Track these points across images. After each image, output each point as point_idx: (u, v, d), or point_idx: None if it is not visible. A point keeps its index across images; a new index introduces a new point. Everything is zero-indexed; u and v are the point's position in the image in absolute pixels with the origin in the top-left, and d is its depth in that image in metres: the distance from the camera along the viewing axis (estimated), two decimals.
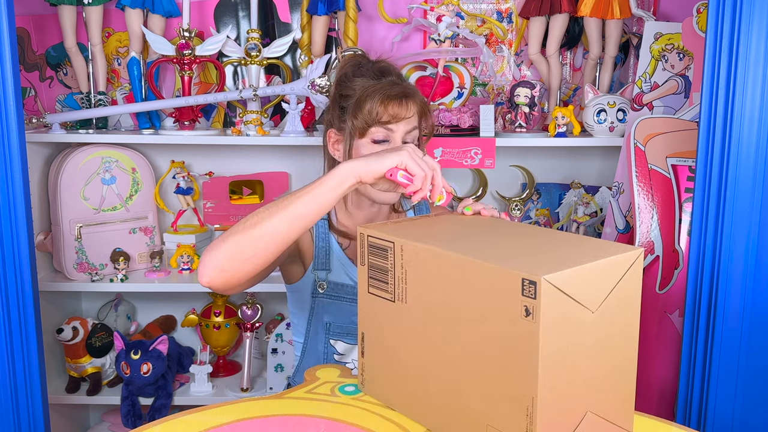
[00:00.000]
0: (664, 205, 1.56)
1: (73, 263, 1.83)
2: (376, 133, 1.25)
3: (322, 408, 0.95)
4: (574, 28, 1.94)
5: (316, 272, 1.34)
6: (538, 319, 0.71)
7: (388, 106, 1.23)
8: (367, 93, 1.25)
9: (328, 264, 1.34)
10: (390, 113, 1.24)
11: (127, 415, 1.83)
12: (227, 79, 2.00)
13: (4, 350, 1.38)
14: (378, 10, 1.95)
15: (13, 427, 1.40)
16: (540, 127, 1.93)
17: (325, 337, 1.35)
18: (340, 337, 1.35)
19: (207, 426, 0.89)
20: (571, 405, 0.77)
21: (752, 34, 1.22)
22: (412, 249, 0.87)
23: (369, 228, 0.94)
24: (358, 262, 0.96)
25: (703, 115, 1.30)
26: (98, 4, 1.86)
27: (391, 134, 1.25)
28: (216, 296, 2.02)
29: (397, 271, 0.89)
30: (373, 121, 1.24)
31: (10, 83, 1.34)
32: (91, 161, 1.86)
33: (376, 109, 1.23)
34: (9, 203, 1.37)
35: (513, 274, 0.72)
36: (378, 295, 0.93)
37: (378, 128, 1.24)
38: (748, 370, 1.31)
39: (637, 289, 0.84)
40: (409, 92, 1.27)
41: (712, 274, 1.31)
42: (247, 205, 2.03)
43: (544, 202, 2.06)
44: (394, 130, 1.25)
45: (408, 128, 1.26)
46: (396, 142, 1.25)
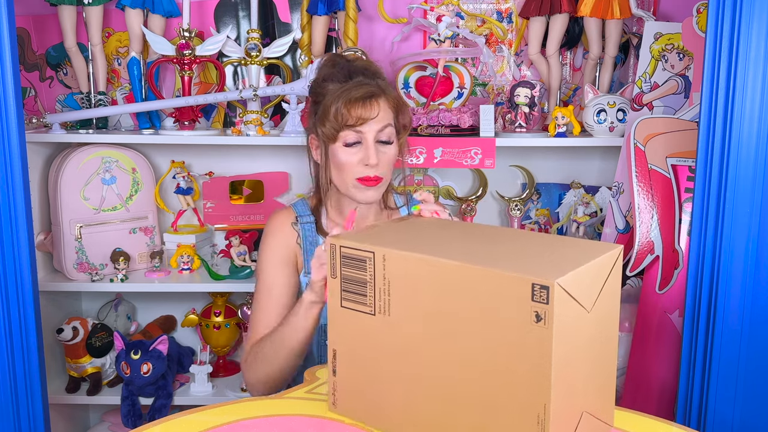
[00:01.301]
0: (664, 205, 1.56)
1: (73, 263, 1.83)
2: (346, 136, 1.26)
3: (322, 408, 0.95)
4: (574, 28, 1.94)
5: (308, 276, 1.34)
6: (551, 325, 0.69)
7: (351, 108, 1.24)
8: (332, 98, 1.25)
9: None
10: (355, 116, 1.24)
11: (127, 415, 1.83)
12: (227, 79, 2.00)
13: (4, 350, 1.38)
14: (378, 10, 1.95)
15: (13, 427, 1.40)
16: (540, 127, 1.93)
17: (318, 339, 1.35)
18: None
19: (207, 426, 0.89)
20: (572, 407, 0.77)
21: (752, 34, 1.22)
22: (397, 258, 0.82)
23: (341, 238, 0.88)
24: (328, 275, 0.91)
25: (703, 115, 1.30)
26: (98, 4, 1.86)
27: (362, 135, 1.26)
28: (216, 296, 2.02)
29: (377, 283, 0.84)
30: (340, 125, 1.24)
31: (10, 83, 1.34)
32: (91, 161, 1.86)
33: (341, 113, 1.23)
34: (9, 203, 1.37)
35: (523, 279, 0.70)
36: (353, 308, 0.88)
37: (347, 131, 1.25)
38: (748, 370, 1.30)
39: (618, 286, 0.84)
40: (375, 92, 1.26)
41: (712, 274, 1.31)
42: (247, 205, 2.03)
43: (544, 202, 2.06)
44: (363, 131, 1.25)
45: (378, 127, 1.26)
46: (368, 142, 1.26)
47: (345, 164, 1.27)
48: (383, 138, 1.27)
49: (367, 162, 1.25)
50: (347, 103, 1.23)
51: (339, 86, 1.26)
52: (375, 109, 1.25)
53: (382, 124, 1.26)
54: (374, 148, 1.26)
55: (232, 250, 1.86)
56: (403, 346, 0.83)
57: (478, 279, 0.75)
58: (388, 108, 1.28)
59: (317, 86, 1.32)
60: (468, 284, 0.76)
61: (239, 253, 1.85)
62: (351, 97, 1.23)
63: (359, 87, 1.25)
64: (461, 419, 0.79)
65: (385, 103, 1.27)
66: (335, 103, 1.24)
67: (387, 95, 1.28)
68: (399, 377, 0.85)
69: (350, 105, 1.23)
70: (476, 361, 0.76)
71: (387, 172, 1.30)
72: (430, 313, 0.80)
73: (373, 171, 1.26)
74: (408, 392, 0.84)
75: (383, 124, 1.26)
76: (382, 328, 0.85)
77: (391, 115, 1.29)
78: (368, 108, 1.24)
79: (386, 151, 1.28)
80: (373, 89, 1.26)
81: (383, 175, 1.28)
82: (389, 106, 1.28)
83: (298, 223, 1.36)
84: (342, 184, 1.30)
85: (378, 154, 1.26)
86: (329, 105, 1.25)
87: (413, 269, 0.81)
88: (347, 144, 1.26)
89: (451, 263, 0.77)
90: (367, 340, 0.87)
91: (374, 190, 1.29)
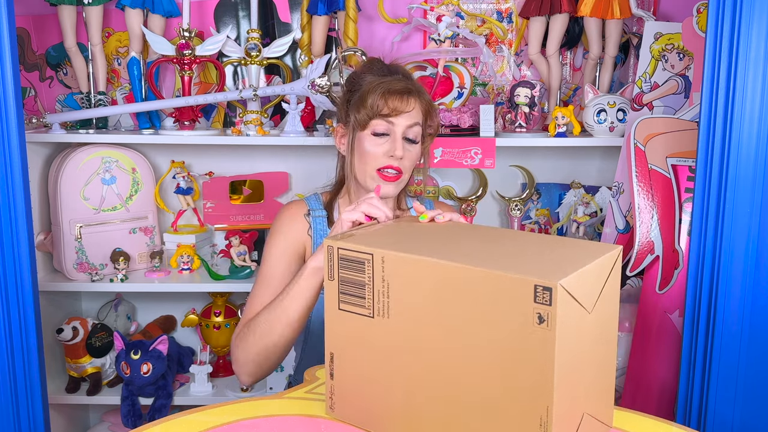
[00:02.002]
0: (664, 205, 1.56)
1: (73, 263, 1.83)
2: (377, 125, 1.29)
3: (322, 408, 0.95)
4: (574, 28, 1.94)
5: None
6: (554, 326, 0.69)
7: (389, 99, 1.27)
8: (371, 87, 1.29)
9: None
10: (390, 106, 1.27)
11: (127, 415, 1.83)
12: (227, 79, 2.00)
13: (4, 350, 1.38)
14: (378, 10, 1.95)
15: (13, 427, 1.40)
16: (540, 127, 1.93)
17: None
18: None
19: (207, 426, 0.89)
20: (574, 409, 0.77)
21: (752, 34, 1.22)
22: (396, 260, 0.81)
23: (339, 240, 0.88)
24: (325, 277, 0.90)
25: (703, 115, 1.30)
26: (98, 4, 1.86)
27: (392, 127, 1.29)
28: (216, 296, 2.02)
29: (376, 285, 0.83)
30: (374, 113, 1.28)
31: (10, 83, 1.34)
32: (91, 161, 1.86)
33: (377, 102, 1.27)
34: (9, 203, 1.37)
35: (525, 281, 0.70)
36: (351, 311, 0.87)
37: (379, 121, 1.28)
38: (748, 370, 1.30)
39: (618, 287, 0.84)
40: (413, 89, 1.31)
41: (712, 274, 1.31)
42: (247, 205, 2.03)
43: (544, 202, 2.06)
44: (394, 123, 1.28)
45: (408, 123, 1.29)
46: (396, 135, 1.29)
47: (369, 153, 1.30)
48: (410, 135, 1.31)
49: (392, 153, 1.28)
50: (385, 93, 1.28)
51: (378, 78, 1.31)
52: (411, 103, 1.29)
53: (413, 121, 1.30)
54: (401, 142, 1.29)
55: (232, 250, 1.86)
56: (403, 348, 0.83)
57: (478, 281, 0.74)
58: (419, 109, 1.32)
59: (356, 77, 1.37)
60: (468, 286, 0.75)
61: (239, 253, 1.86)
62: (390, 88, 1.28)
63: (398, 81, 1.30)
64: (462, 423, 0.79)
65: (418, 103, 1.31)
66: (374, 92, 1.28)
67: (421, 97, 1.32)
68: (398, 380, 0.84)
69: (388, 95, 1.28)
70: (477, 363, 0.76)
71: (408, 171, 1.33)
72: (430, 316, 0.79)
73: (396, 162, 1.29)
74: (408, 396, 0.84)
75: (413, 122, 1.30)
76: (380, 331, 0.84)
77: (421, 116, 1.32)
78: (404, 101, 1.29)
79: (411, 149, 1.31)
80: (412, 87, 1.31)
81: (405, 170, 1.31)
82: (421, 107, 1.32)
83: (310, 215, 1.37)
84: (362, 174, 1.32)
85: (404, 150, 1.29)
86: (367, 93, 1.29)
87: (413, 271, 0.80)
88: (375, 133, 1.29)
89: (452, 265, 0.76)
90: (366, 343, 0.86)
91: (393, 185, 1.31)
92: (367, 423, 0.89)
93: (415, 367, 0.82)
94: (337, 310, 0.89)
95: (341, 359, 0.90)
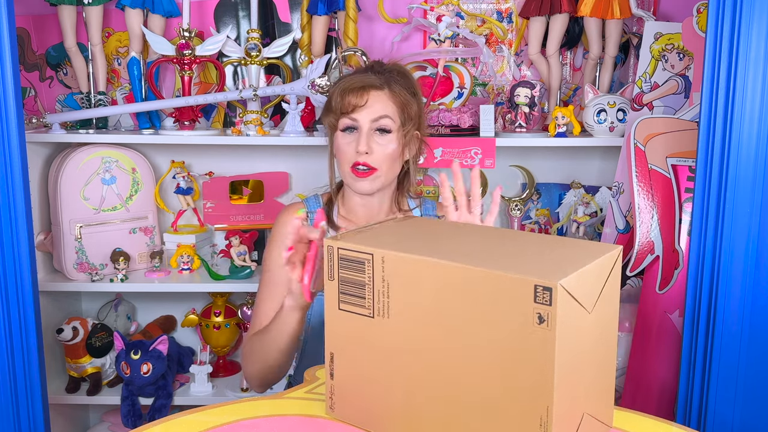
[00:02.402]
0: (664, 205, 1.56)
1: (73, 263, 1.83)
2: (343, 123, 1.32)
3: (322, 408, 0.95)
4: (574, 28, 1.94)
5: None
6: (554, 326, 0.68)
7: (346, 96, 1.31)
8: (334, 89, 1.34)
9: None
10: (347, 103, 1.30)
11: (127, 415, 1.83)
12: (227, 79, 1.99)
13: (4, 350, 1.38)
14: (378, 10, 1.95)
15: (13, 427, 1.40)
16: (540, 127, 1.93)
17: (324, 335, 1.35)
18: None
19: (207, 426, 0.89)
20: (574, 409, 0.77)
21: (752, 34, 1.22)
22: (396, 260, 0.81)
23: (339, 240, 0.88)
24: (325, 277, 0.90)
25: (703, 115, 1.30)
26: (98, 4, 1.86)
27: (356, 123, 1.31)
28: (216, 296, 2.02)
29: (376, 285, 0.83)
30: (338, 113, 1.32)
31: (10, 83, 1.34)
32: (91, 161, 1.86)
33: (336, 100, 1.31)
34: (9, 203, 1.37)
35: (525, 281, 0.70)
36: (351, 311, 0.87)
37: (344, 118, 1.32)
38: (748, 370, 1.30)
39: (618, 287, 0.84)
40: (374, 83, 1.32)
41: (712, 274, 1.31)
42: (247, 205, 2.03)
43: (544, 202, 2.06)
44: (357, 119, 1.31)
45: (372, 117, 1.30)
46: (362, 129, 1.30)
47: (341, 150, 1.33)
48: (379, 126, 1.31)
49: (357, 148, 1.29)
50: (342, 91, 1.31)
51: (346, 78, 1.35)
52: (364, 97, 1.30)
53: (378, 114, 1.30)
54: (368, 136, 1.30)
55: (232, 250, 1.86)
56: (403, 348, 0.83)
57: (479, 281, 0.74)
58: (389, 100, 1.32)
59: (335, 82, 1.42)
60: (469, 286, 0.75)
61: (239, 253, 1.85)
62: (347, 86, 1.31)
63: (356, 78, 1.33)
64: (462, 423, 0.79)
65: (386, 95, 1.32)
66: (335, 92, 1.33)
67: (391, 89, 1.32)
68: (398, 380, 0.84)
69: (345, 93, 1.31)
70: (477, 363, 0.76)
71: (383, 165, 1.31)
72: (430, 316, 0.79)
73: (363, 158, 1.29)
74: (408, 396, 0.83)
75: (379, 114, 1.30)
76: (380, 331, 0.84)
77: (392, 108, 1.32)
78: (360, 96, 1.30)
79: (383, 142, 1.31)
80: (371, 80, 1.32)
81: (377, 165, 1.30)
82: (392, 99, 1.32)
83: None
84: (342, 172, 1.35)
85: (373, 144, 1.30)
86: (331, 94, 1.34)
87: (413, 271, 0.80)
88: (342, 130, 1.32)
89: (452, 265, 0.76)
90: (366, 343, 0.86)
91: (367, 181, 1.31)
92: (367, 423, 0.89)
93: (415, 367, 0.82)
94: (337, 310, 0.89)
95: (341, 359, 0.90)
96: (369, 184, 1.31)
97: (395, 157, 1.33)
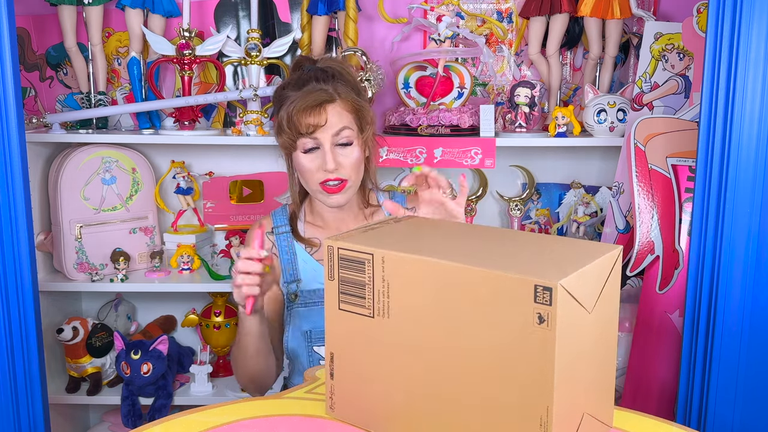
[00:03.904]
0: (664, 205, 1.56)
1: (73, 263, 1.83)
2: (304, 144, 1.27)
3: (322, 408, 0.95)
4: (574, 28, 1.94)
5: (288, 285, 1.36)
6: (554, 326, 0.69)
7: (301, 117, 1.25)
8: (285, 108, 1.27)
9: (296, 274, 1.36)
10: (305, 124, 1.25)
11: (127, 415, 1.83)
12: (227, 79, 1.99)
13: (4, 350, 1.38)
14: (378, 10, 1.95)
15: (13, 427, 1.40)
16: (540, 127, 1.93)
17: (307, 345, 1.35)
18: (322, 343, 1.34)
19: (207, 426, 0.89)
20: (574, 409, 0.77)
21: (752, 34, 1.22)
22: (396, 260, 0.81)
23: (339, 240, 0.88)
24: (325, 277, 0.90)
25: (703, 115, 1.30)
26: (98, 4, 1.86)
27: (318, 141, 1.27)
28: (216, 296, 2.02)
29: (376, 285, 0.83)
30: (296, 134, 1.26)
31: (10, 83, 1.34)
32: (91, 161, 1.86)
33: (293, 122, 1.25)
34: (9, 203, 1.37)
35: (525, 280, 0.70)
36: (351, 311, 0.87)
37: (303, 139, 1.27)
38: (748, 370, 1.31)
39: (618, 287, 0.84)
40: (326, 98, 1.26)
41: (712, 274, 1.31)
42: (247, 205, 2.02)
43: (544, 202, 2.06)
44: (318, 137, 1.26)
45: (333, 131, 1.27)
46: (324, 148, 1.26)
47: (306, 171, 1.29)
48: (341, 141, 1.28)
49: (324, 168, 1.26)
50: (297, 112, 1.25)
51: (293, 93, 1.28)
52: (323, 115, 1.26)
53: (337, 128, 1.27)
54: (332, 153, 1.26)
55: (232, 250, 1.86)
56: (403, 348, 0.83)
57: (479, 281, 0.74)
58: (343, 111, 1.28)
59: (278, 94, 1.35)
60: (469, 286, 0.75)
61: (239, 253, 1.85)
62: (300, 107, 1.25)
63: (308, 95, 1.26)
64: (462, 423, 0.79)
65: (339, 107, 1.27)
66: (289, 114, 1.26)
67: (342, 98, 1.28)
68: (398, 380, 0.84)
69: (300, 114, 1.25)
70: (477, 363, 0.76)
71: (352, 174, 1.30)
72: (430, 316, 0.79)
73: (333, 175, 1.27)
74: (408, 396, 0.83)
75: (338, 128, 1.27)
76: (380, 331, 0.84)
77: (348, 117, 1.29)
78: (317, 115, 1.25)
79: (347, 153, 1.29)
80: (324, 96, 1.26)
81: (347, 177, 1.29)
82: (345, 109, 1.28)
83: (273, 233, 1.38)
84: (311, 190, 1.33)
85: (338, 158, 1.27)
86: (283, 115, 1.28)
87: (413, 271, 0.80)
88: (305, 151, 1.28)
89: (452, 265, 0.76)
90: (366, 343, 0.86)
91: (340, 195, 1.29)
92: (367, 423, 0.89)
93: (415, 367, 0.82)
94: (337, 310, 0.89)
95: (341, 359, 0.90)
96: (342, 196, 1.29)
97: (360, 162, 1.31)
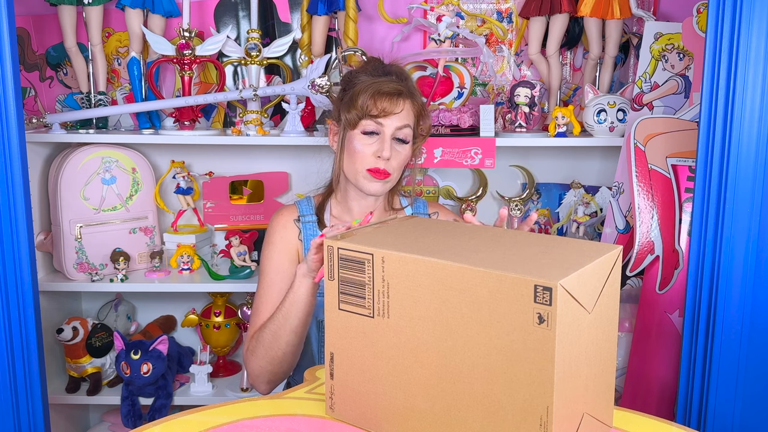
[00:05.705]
0: (664, 205, 1.56)
1: (73, 263, 1.83)
2: (366, 125, 1.31)
3: (322, 408, 0.95)
4: (574, 28, 1.94)
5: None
6: (554, 326, 0.69)
7: (378, 100, 1.29)
8: (362, 87, 1.31)
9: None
10: (379, 107, 1.29)
11: (127, 415, 1.83)
12: (227, 79, 1.99)
13: (4, 350, 1.38)
14: (378, 10, 1.95)
15: (13, 427, 1.40)
16: (540, 127, 1.93)
17: (319, 336, 1.36)
18: None
19: (207, 426, 0.89)
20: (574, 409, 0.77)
21: (752, 34, 1.22)
22: (396, 260, 0.81)
23: (339, 240, 0.88)
24: (325, 277, 0.90)
25: (703, 115, 1.30)
26: (98, 4, 1.86)
27: (381, 128, 1.30)
28: (216, 296, 2.02)
29: (376, 285, 0.84)
30: (364, 113, 1.29)
31: (10, 83, 1.34)
32: (91, 161, 1.86)
33: (367, 102, 1.29)
34: (9, 203, 1.37)
35: (525, 281, 0.70)
36: (351, 311, 0.87)
37: (368, 121, 1.30)
38: (748, 370, 1.30)
39: (618, 287, 0.84)
40: (404, 91, 1.32)
41: (712, 274, 1.31)
42: (247, 205, 2.03)
43: (544, 202, 2.06)
44: (383, 124, 1.30)
45: (398, 125, 1.30)
46: (385, 136, 1.30)
47: (359, 152, 1.31)
48: (400, 136, 1.32)
49: (380, 154, 1.29)
50: (375, 94, 1.29)
51: (371, 78, 1.33)
52: (400, 105, 1.31)
53: (403, 122, 1.31)
54: (390, 143, 1.30)
55: (232, 250, 1.86)
56: (403, 348, 0.83)
57: (479, 281, 0.74)
58: (411, 110, 1.33)
59: (351, 75, 1.39)
60: (469, 286, 0.75)
61: (239, 253, 1.86)
62: (380, 90, 1.30)
63: (390, 82, 1.31)
64: (462, 423, 0.79)
65: (410, 105, 1.33)
66: (364, 92, 1.30)
67: (413, 99, 1.34)
68: (398, 380, 0.84)
69: (378, 96, 1.29)
70: (477, 363, 0.76)
71: (396, 171, 1.34)
72: (430, 316, 0.79)
73: (383, 164, 1.30)
74: (408, 396, 0.84)
75: (403, 123, 1.31)
76: (380, 331, 0.84)
77: (412, 118, 1.34)
78: (394, 103, 1.30)
79: (400, 150, 1.33)
80: (402, 89, 1.32)
81: (393, 171, 1.32)
82: (413, 109, 1.34)
83: (300, 221, 1.39)
84: (352, 172, 1.33)
85: (392, 151, 1.31)
86: (358, 92, 1.31)
87: (413, 271, 0.80)
88: (365, 132, 1.31)
89: (452, 265, 0.77)
90: (366, 343, 0.86)
91: (381, 183, 1.32)
92: (367, 423, 0.89)
93: (415, 367, 0.82)
94: (337, 310, 0.89)
95: (341, 359, 0.90)
96: (381, 186, 1.33)
97: (405, 163, 1.37)
